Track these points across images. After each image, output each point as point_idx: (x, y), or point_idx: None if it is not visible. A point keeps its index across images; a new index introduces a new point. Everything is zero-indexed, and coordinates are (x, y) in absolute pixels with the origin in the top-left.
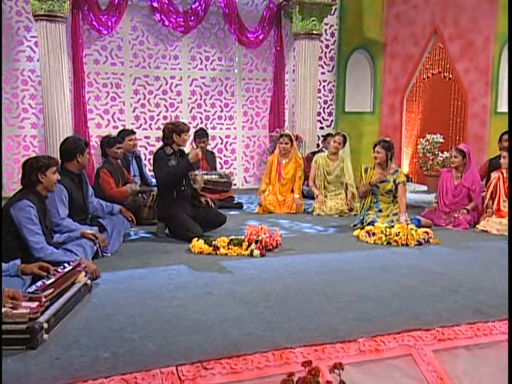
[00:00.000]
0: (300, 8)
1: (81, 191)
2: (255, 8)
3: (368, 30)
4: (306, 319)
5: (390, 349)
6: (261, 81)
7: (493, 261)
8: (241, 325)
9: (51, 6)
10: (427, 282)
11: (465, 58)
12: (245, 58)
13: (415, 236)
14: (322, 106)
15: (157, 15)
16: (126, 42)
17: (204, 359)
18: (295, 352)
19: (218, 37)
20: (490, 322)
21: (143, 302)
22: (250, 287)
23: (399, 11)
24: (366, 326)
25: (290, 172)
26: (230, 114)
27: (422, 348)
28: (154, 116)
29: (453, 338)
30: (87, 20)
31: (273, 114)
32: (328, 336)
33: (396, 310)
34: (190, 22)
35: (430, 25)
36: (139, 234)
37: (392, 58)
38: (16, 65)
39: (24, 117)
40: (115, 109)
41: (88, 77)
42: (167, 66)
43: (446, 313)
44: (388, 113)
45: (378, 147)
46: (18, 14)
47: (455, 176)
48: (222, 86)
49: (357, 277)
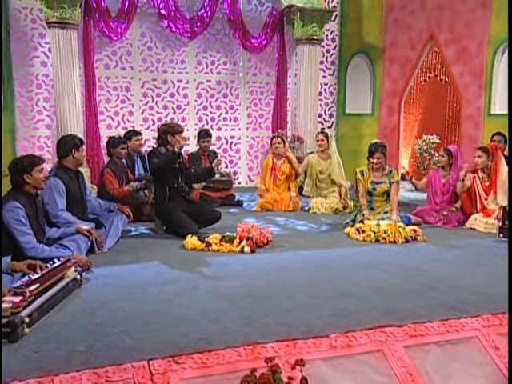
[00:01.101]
0: (301, 14)
1: (78, 187)
2: (259, 15)
3: (367, 35)
4: (283, 315)
5: (362, 344)
6: (264, 84)
7: (476, 258)
8: (219, 320)
9: (63, 14)
10: (408, 279)
11: (460, 62)
12: (249, 62)
13: (403, 234)
14: (323, 108)
15: (164, 22)
16: (135, 47)
17: (176, 354)
18: (267, 347)
19: (223, 42)
20: (462, 318)
21: (130, 296)
22: (235, 283)
23: (397, 17)
24: (341, 322)
25: (285, 172)
26: (234, 116)
27: (393, 344)
28: (161, 118)
29: (424, 335)
30: (98, 27)
31: (276, 116)
32: (302, 331)
33: (372, 306)
34: (197, 28)
35: (427, 30)
36: (139, 230)
37: (390, 62)
38: (31, 69)
39: (38, 118)
40: (125, 111)
41: (99, 80)
42: (174, 70)
43: (420, 309)
44: (386, 114)
45: (377, 154)
46: (33, 21)
47: (442, 175)
48: (227, 89)
49: (340, 273)
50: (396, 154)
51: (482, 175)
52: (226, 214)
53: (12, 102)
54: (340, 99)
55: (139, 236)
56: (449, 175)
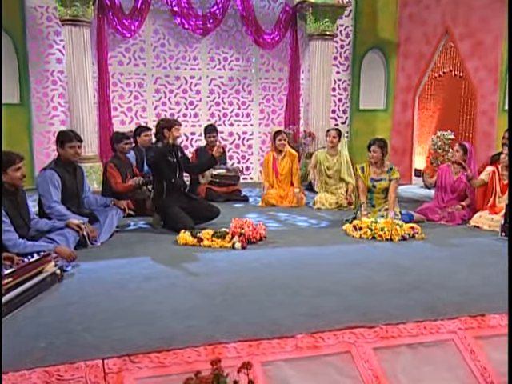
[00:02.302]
0: (313, 10)
1: (74, 181)
2: (272, 11)
3: (382, 30)
4: (255, 313)
5: (329, 345)
6: (277, 80)
7: (472, 257)
8: (187, 318)
9: (75, 12)
10: (394, 278)
11: (475, 57)
12: (261, 58)
13: (400, 231)
14: (336, 104)
15: (177, 19)
16: (148, 44)
17: (133, 352)
18: (228, 347)
19: (236, 38)
20: (438, 320)
21: (106, 292)
22: (216, 279)
23: (412, 12)
24: (312, 322)
25: (286, 167)
26: (247, 112)
27: (362, 345)
28: (174, 113)
29: (396, 336)
30: (112, 24)
31: (288, 112)
32: (269, 331)
33: (350, 305)
34: (209, 25)
35: (442, 24)
36: (138, 224)
37: (405, 57)
38: (46, 66)
39: (54, 114)
40: (138, 107)
41: (113, 77)
42: (187, 67)
43: (398, 309)
44: (400, 110)
45: (373, 147)
46: (49, 19)
47: (454, 171)
48: (239, 85)
49: (327, 271)
50: (410, 150)
51: (503, 173)
52: (229, 209)
53: (28, 98)
54: (354, 95)
55: (136, 230)
56: (461, 172)
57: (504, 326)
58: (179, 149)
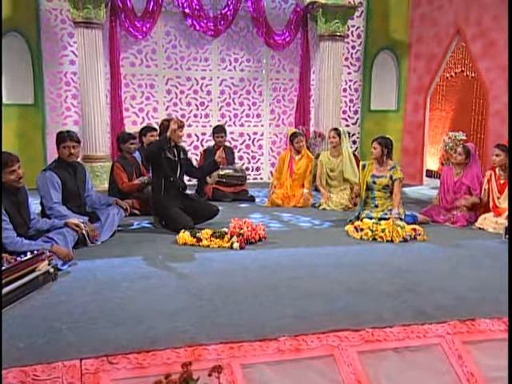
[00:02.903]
0: (323, 11)
1: (74, 181)
2: (283, 12)
3: (393, 31)
4: (241, 315)
5: (312, 349)
6: (288, 81)
7: (472, 260)
8: (174, 318)
9: (87, 14)
10: (388, 280)
11: (487, 57)
12: (272, 59)
13: (401, 233)
14: (347, 105)
15: (188, 20)
16: (160, 45)
17: (112, 353)
18: (209, 349)
19: (247, 40)
20: (426, 324)
21: (98, 291)
22: (208, 280)
23: (424, 12)
24: (298, 324)
25: (301, 167)
26: (257, 112)
27: (345, 349)
28: (185, 114)
29: (382, 340)
30: (124, 26)
31: (299, 112)
32: (253, 333)
33: (339, 307)
34: (220, 26)
35: (453, 25)
36: (142, 224)
37: (416, 58)
38: (60, 68)
39: (67, 115)
40: (149, 107)
41: (125, 78)
42: (198, 68)
43: (388, 312)
44: (412, 111)
45: (374, 143)
46: (63, 21)
47: (455, 173)
48: (250, 86)
49: (321, 272)
50: (421, 150)
51: (500, 173)
52: (234, 209)
53: (42, 99)
54: (365, 96)
55: (138, 230)
56: (462, 174)
57: (495, 330)
58: (182, 150)
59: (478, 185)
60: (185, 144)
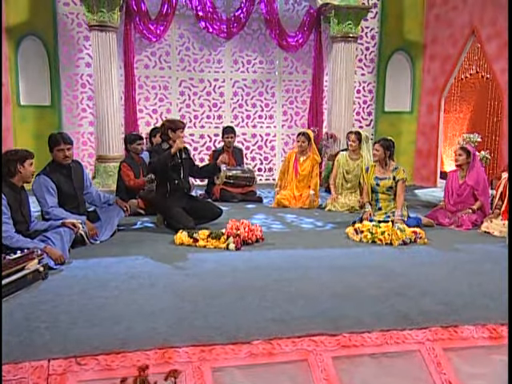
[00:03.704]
0: (336, 12)
1: (70, 182)
2: (296, 14)
3: (408, 32)
4: (219, 317)
5: (286, 353)
6: (300, 82)
7: (470, 264)
8: (152, 319)
9: (102, 17)
10: (378, 284)
11: (502, 57)
12: (285, 60)
13: (400, 236)
14: (361, 106)
15: (202, 23)
16: (174, 48)
17: (82, 354)
18: (180, 352)
19: (260, 41)
20: (406, 329)
21: (84, 291)
22: (197, 280)
23: (439, 13)
24: (275, 327)
25: (306, 169)
26: (270, 114)
27: (320, 354)
28: (198, 115)
29: (359, 345)
30: (138, 29)
31: (311, 114)
32: (227, 336)
33: (320, 311)
34: (233, 29)
35: (469, 25)
36: (145, 223)
37: (431, 59)
38: (76, 70)
39: (82, 116)
40: (163, 109)
41: (139, 80)
42: (211, 70)
43: (370, 317)
44: (426, 112)
45: (376, 145)
46: (79, 25)
47: (460, 175)
48: (262, 88)
49: (313, 275)
50: (435, 152)
51: None
52: (239, 210)
53: (59, 100)
54: (379, 97)
55: (140, 230)
56: (466, 176)
57: (478, 337)
58: (184, 150)
59: (482, 185)
60: (198, 145)
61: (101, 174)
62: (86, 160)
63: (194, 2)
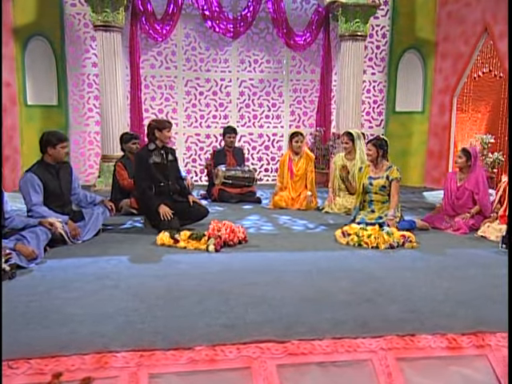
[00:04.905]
0: (343, 10)
1: (57, 181)
2: (304, 12)
3: (420, 30)
4: (171, 321)
5: (229, 360)
6: (308, 82)
7: (453, 270)
8: (100, 322)
9: (106, 17)
10: (351, 289)
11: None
12: (293, 60)
13: (387, 239)
14: (371, 106)
15: (208, 22)
16: (180, 47)
17: (15, 357)
18: (118, 356)
19: (267, 41)
20: (360, 338)
21: (47, 291)
22: (164, 282)
23: (451, 10)
24: (224, 333)
25: (301, 168)
26: (277, 114)
27: (265, 361)
28: (204, 115)
29: (307, 353)
30: (144, 29)
31: (319, 114)
32: (171, 341)
33: (277, 317)
34: (240, 28)
35: (481, 22)
36: (134, 223)
37: (443, 58)
38: (83, 70)
39: (89, 115)
40: (169, 108)
41: (145, 80)
42: (217, 69)
43: (329, 323)
44: (438, 112)
45: (368, 145)
46: (86, 25)
47: (459, 178)
48: (269, 87)
49: (286, 278)
50: (447, 153)
51: None
52: (234, 211)
53: (66, 100)
54: (390, 97)
55: (126, 230)
56: (465, 179)
57: (435, 347)
58: (171, 152)
59: (482, 188)
60: (203, 144)
61: (104, 174)
62: (93, 159)
63: (201, 1)
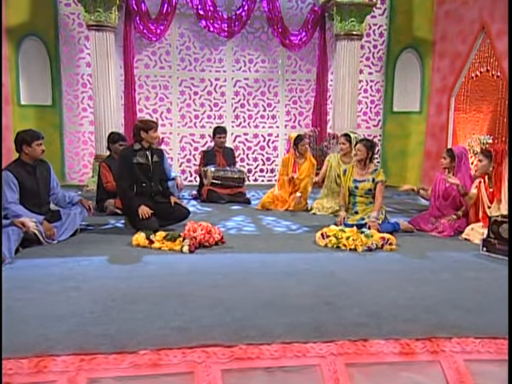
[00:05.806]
0: (338, 9)
1: (34, 180)
2: (299, 11)
3: (417, 29)
4: (127, 323)
5: (172, 364)
6: (304, 81)
7: (427, 274)
8: (48, 325)
9: (98, 17)
10: (316, 292)
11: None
12: (288, 59)
13: (365, 241)
14: (368, 106)
15: (202, 22)
16: (174, 47)
17: None
18: (57, 360)
19: (262, 40)
20: (310, 342)
21: (7, 292)
22: (127, 284)
23: (449, 9)
24: (173, 337)
25: (304, 172)
26: (272, 114)
27: (209, 366)
28: (198, 115)
29: (254, 358)
30: (138, 29)
31: (315, 114)
32: (116, 345)
33: (230, 320)
34: (235, 27)
35: (479, 21)
36: (116, 224)
37: (440, 57)
38: (77, 70)
39: (83, 115)
40: (163, 108)
41: (139, 79)
42: (212, 69)
43: (283, 328)
44: (435, 112)
45: (359, 145)
46: (80, 25)
47: (446, 178)
48: (265, 87)
49: (250, 281)
50: None
51: (488, 181)
52: (221, 211)
53: (60, 100)
54: (387, 96)
55: (106, 230)
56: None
57: (388, 353)
58: (156, 153)
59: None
60: (198, 145)
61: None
62: (87, 159)
63: (195, 0)
